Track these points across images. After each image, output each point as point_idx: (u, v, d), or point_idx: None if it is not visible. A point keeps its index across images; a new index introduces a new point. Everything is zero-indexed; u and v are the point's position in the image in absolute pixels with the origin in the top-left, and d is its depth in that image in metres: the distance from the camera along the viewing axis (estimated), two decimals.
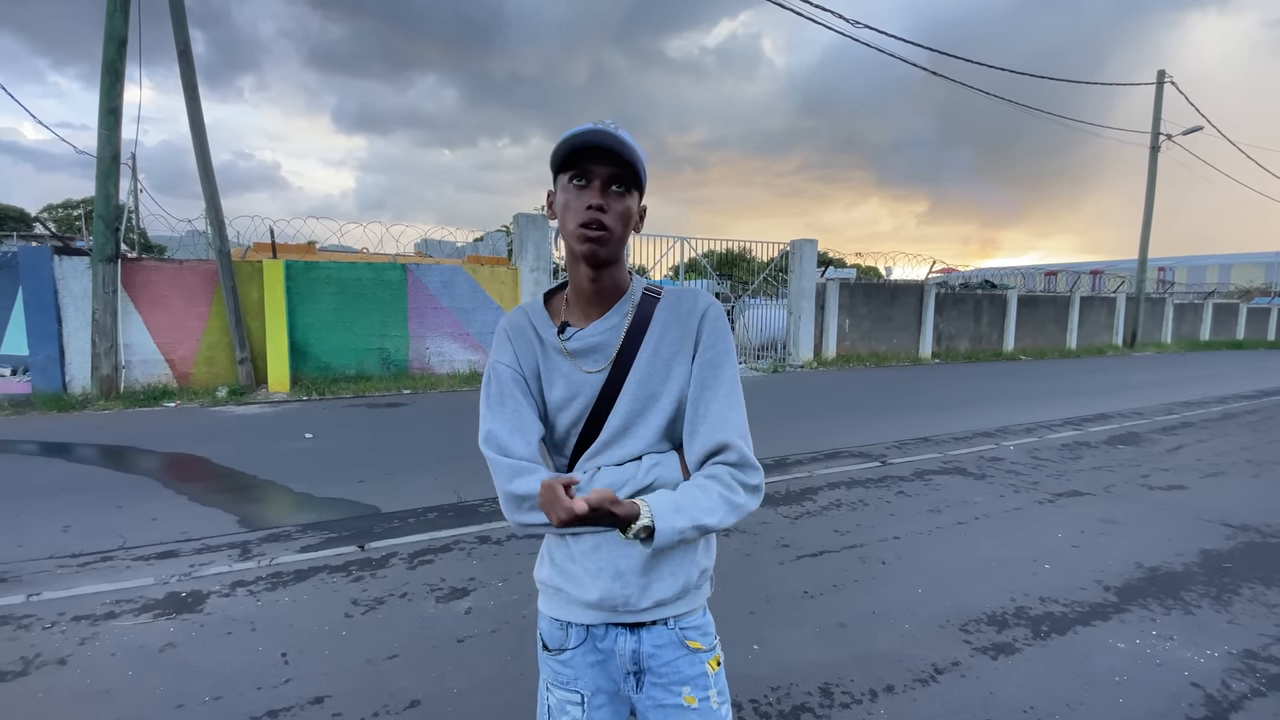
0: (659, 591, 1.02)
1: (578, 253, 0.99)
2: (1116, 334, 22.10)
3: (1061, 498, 4.68)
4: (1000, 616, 2.85)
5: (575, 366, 1.05)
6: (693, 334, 1.04)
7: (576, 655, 1.06)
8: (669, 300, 1.07)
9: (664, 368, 1.04)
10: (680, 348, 1.04)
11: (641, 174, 0.98)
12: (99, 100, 8.09)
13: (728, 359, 1.04)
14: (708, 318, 1.05)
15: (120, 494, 4.65)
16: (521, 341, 1.08)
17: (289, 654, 2.52)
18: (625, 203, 0.98)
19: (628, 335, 1.04)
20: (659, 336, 1.04)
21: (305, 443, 6.32)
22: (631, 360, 1.04)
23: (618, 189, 0.97)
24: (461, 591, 3.06)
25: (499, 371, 1.07)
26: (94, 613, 2.85)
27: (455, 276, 10.81)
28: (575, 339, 1.05)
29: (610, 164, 0.95)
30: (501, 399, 1.05)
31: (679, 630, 1.05)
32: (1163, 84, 21.28)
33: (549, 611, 1.09)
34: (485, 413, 1.06)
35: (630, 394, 1.03)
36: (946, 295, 17.28)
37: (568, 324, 1.07)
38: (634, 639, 1.04)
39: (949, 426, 7.28)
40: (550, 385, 1.07)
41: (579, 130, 0.94)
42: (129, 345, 8.76)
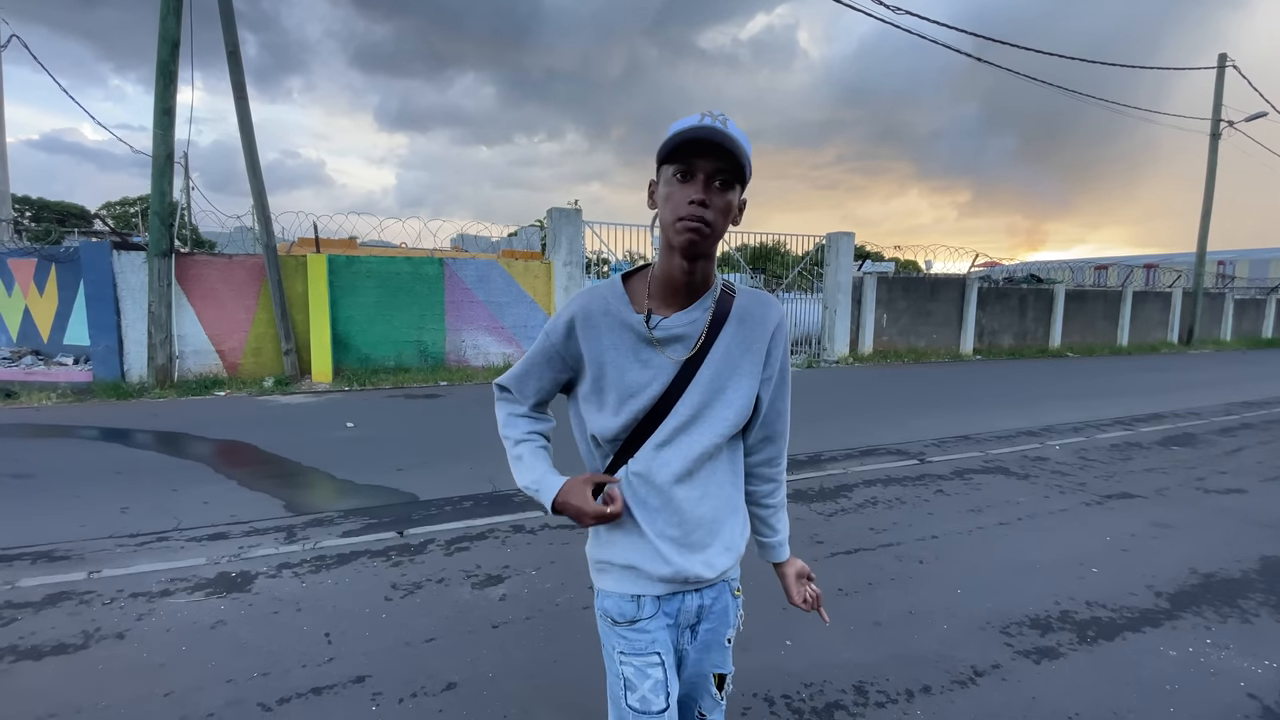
0: (722, 564, 1.15)
1: (675, 244, 1.00)
2: (1172, 331, 21.15)
3: (1110, 500, 4.51)
4: (1044, 620, 2.77)
5: (658, 353, 1.08)
6: (765, 338, 1.12)
7: (651, 622, 1.13)
8: (744, 300, 1.13)
9: (734, 364, 1.10)
10: (750, 348, 1.11)
11: (746, 169, 0.99)
12: (154, 101, 8.42)
13: (789, 369, 1.21)
14: (781, 327, 1.15)
15: (174, 478, 4.85)
16: (587, 328, 1.10)
17: (332, 634, 2.60)
18: (727, 198, 0.99)
19: (710, 327, 1.09)
20: (733, 334, 1.10)
21: (347, 432, 6.50)
22: (703, 353, 1.09)
23: (721, 184, 0.97)
24: (496, 579, 3.11)
25: (546, 343, 1.16)
26: (150, 590, 2.99)
27: (490, 271, 10.95)
28: (661, 327, 1.08)
29: (715, 159, 0.95)
30: (537, 360, 1.18)
31: (729, 583, 1.21)
32: (1224, 68, 20.19)
33: (619, 589, 1.14)
34: (523, 358, 1.21)
35: (703, 385, 1.09)
36: (989, 290, 16.77)
37: (652, 312, 1.09)
38: (698, 597, 1.16)
39: (991, 425, 7.08)
40: (625, 369, 1.09)
41: (687, 124, 0.95)
42: (182, 336, 9.13)
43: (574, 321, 1.11)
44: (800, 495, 4.48)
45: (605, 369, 1.10)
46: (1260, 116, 20.21)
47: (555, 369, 1.17)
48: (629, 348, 1.09)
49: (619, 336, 1.09)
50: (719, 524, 1.14)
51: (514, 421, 1.23)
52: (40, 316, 9.37)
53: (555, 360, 1.15)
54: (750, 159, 0.99)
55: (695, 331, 1.08)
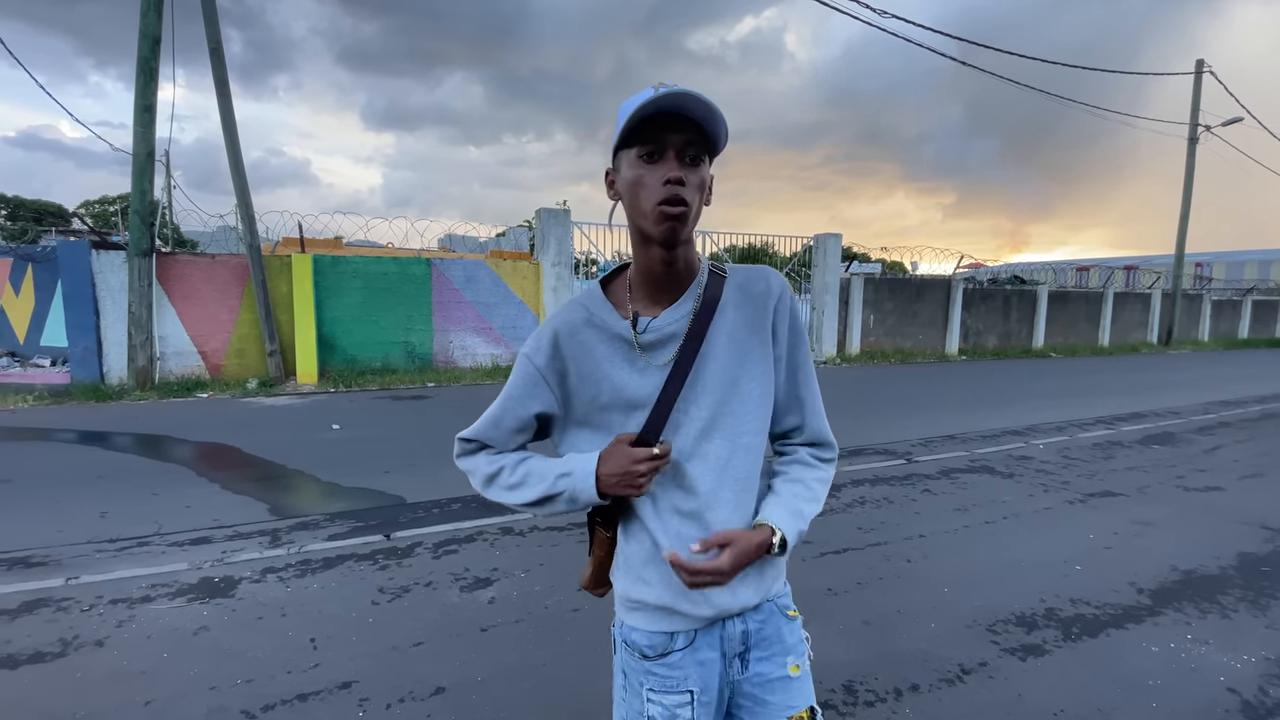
0: (765, 589, 1.04)
1: (654, 234, 0.88)
2: (1151, 331, 21.51)
3: (1093, 498, 4.57)
4: (1029, 618, 2.80)
5: (648, 361, 0.96)
6: (769, 315, 0.99)
7: (685, 655, 1.00)
8: (737, 279, 1.00)
9: (742, 351, 0.98)
10: (755, 329, 0.99)
11: (719, 137, 0.87)
12: (134, 98, 8.29)
13: (805, 342, 1.06)
14: (784, 299, 1.01)
15: (156, 482, 4.77)
16: (571, 342, 0.99)
17: (318, 639, 2.56)
18: (700, 173, 0.88)
19: (696, 319, 0.96)
20: (732, 318, 0.98)
21: (333, 433, 6.43)
22: (700, 347, 0.96)
23: (692, 159, 0.87)
24: (485, 581, 3.09)
25: (523, 368, 1.01)
26: (130, 596, 2.94)
27: (478, 271, 10.90)
28: (649, 330, 0.96)
29: (684, 130, 0.85)
30: (511, 397, 1.01)
31: (777, 602, 1.06)
32: (1201, 74, 20.58)
33: (651, 627, 1.01)
34: (495, 402, 1.03)
35: (712, 383, 0.97)
36: (974, 291, 16.96)
37: (638, 315, 0.97)
38: (742, 622, 1.02)
39: (976, 424, 7.15)
40: (624, 383, 0.97)
41: (649, 97, 0.82)
42: (163, 337, 9.00)
43: (557, 337, 0.98)
44: None
45: (602, 385, 0.98)
46: (1236, 121, 20.62)
47: (540, 399, 1.00)
48: (623, 358, 0.97)
49: (610, 347, 0.97)
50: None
51: (493, 459, 1.02)
52: (16, 317, 9.19)
53: (539, 387, 0.99)
54: (726, 125, 0.86)
55: (686, 325, 0.96)
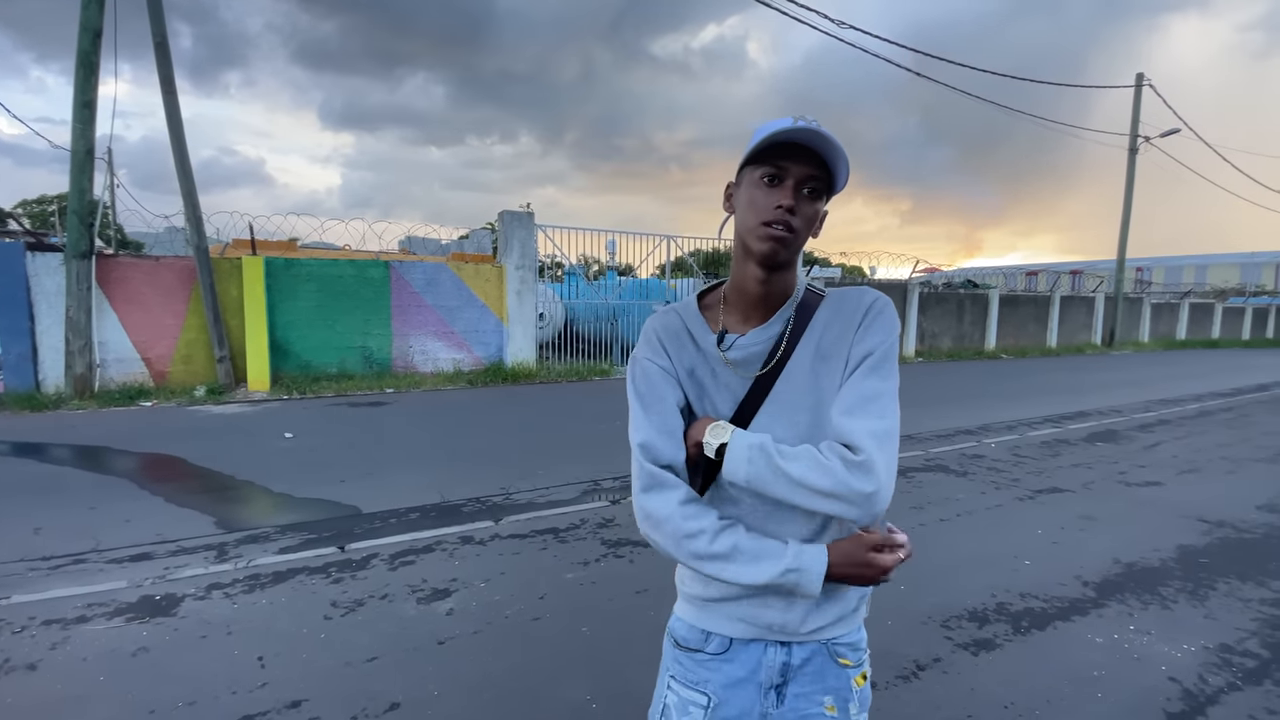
0: (817, 620, 0.97)
1: (754, 251, 0.92)
2: (1095, 333, 22.45)
3: (1042, 494, 4.73)
4: (981, 613, 2.87)
5: (737, 376, 0.98)
6: (854, 328, 0.96)
7: (713, 661, 1.00)
8: (833, 299, 1.00)
9: (827, 374, 0.95)
10: (839, 344, 0.96)
11: (839, 178, 0.92)
12: (74, 93, 7.91)
13: (879, 347, 0.94)
14: (873, 310, 0.97)
15: (94, 495, 4.54)
16: (675, 345, 1.01)
17: (265, 657, 2.47)
18: (815, 206, 0.92)
19: (782, 340, 0.97)
20: (819, 337, 0.97)
21: (285, 442, 6.23)
22: (784, 368, 0.96)
23: (810, 192, 0.91)
24: (443, 592, 3.02)
25: (649, 371, 0.99)
26: (65, 616, 2.78)
27: (439, 274, 10.72)
28: (735, 348, 0.98)
29: (808, 164, 0.89)
30: (653, 399, 0.98)
31: (830, 645, 1.00)
32: (1141, 87, 21.63)
33: (690, 619, 1.03)
34: (637, 414, 0.98)
35: (793, 404, 0.95)
36: (930, 294, 17.44)
37: (726, 331, 1.00)
38: (784, 652, 0.99)
39: (931, 424, 7.34)
40: (708, 393, 0.99)
41: (781, 126, 0.87)
42: (104, 343, 8.58)
43: (661, 339, 1.01)
44: None
45: (689, 390, 1.00)
46: (1174, 133, 21.72)
47: (677, 394, 0.99)
48: (708, 370, 0.99)
49: (698, 358, 1.00)
50: None
51: (691, 515, 0.92)
52: None
53: (671, 383, 0.99)
54: (848, 167, 0.91)
55: (771, 346, 0.98)
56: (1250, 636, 2.69)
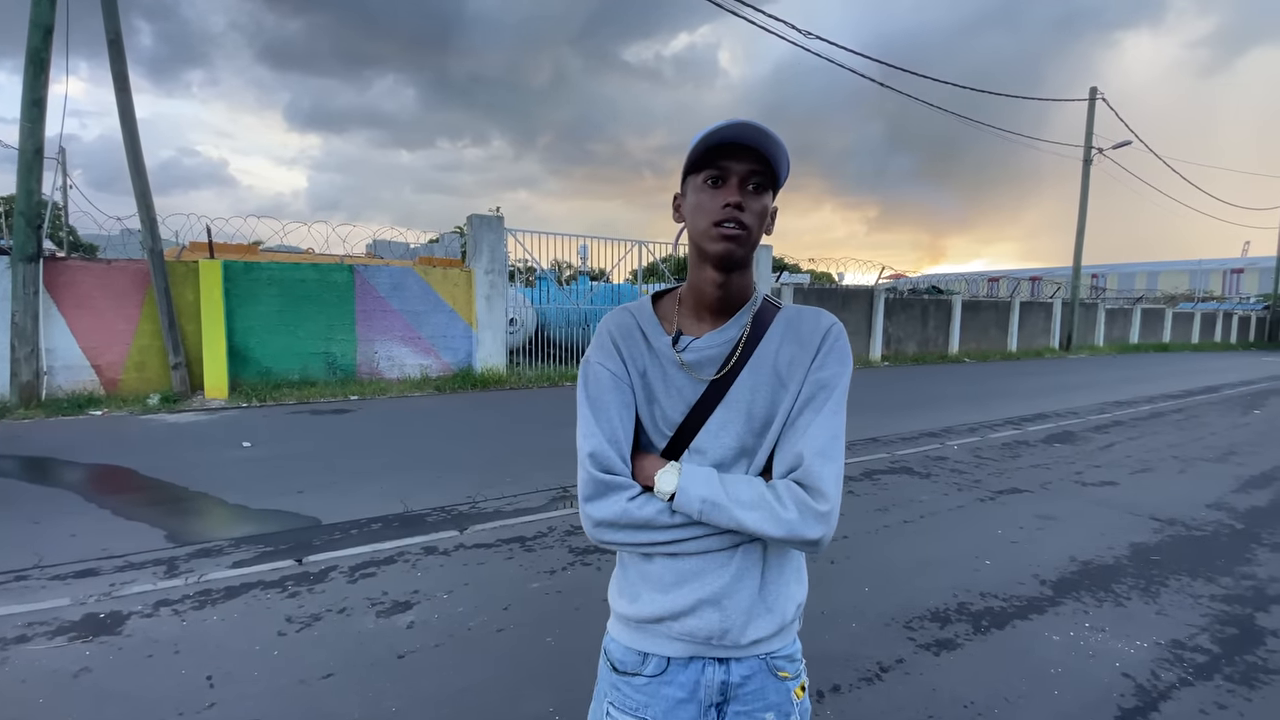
0: (757, 630, 0.95)
1: (710, 253, 0.93)
2: (1053, 337, 23.15)
3: (1002, 495, 4.84)
4: (943, 613, 2.91)
5: (689, 376, 0.97)
6: (811, 354, 0.96)
7: (651, 684, 0.97)
8: (790, 315, 1.00)
9: (779, 388, 0.95)
10: (795, 368, 0.96)
11: (781, 171, 0.92)
12: (21, 91, 7.60)
13: (838, 381, 0.95)
14: (830, 336, 0.97)
15: (38, 509, 4.34)
16: (628, 344, 1.01)
17: (215, 677, 2.37)
18: (762, 201, 0.93)
19: (744, 343, 0.97)
20: (775, 352, 0.97)
21: (243, 452, 6.04)
22: (739, 374, 0.96)
23: (755, 187, 0.91)
24: (404, 605, 2.95)
25: (600, 376, 0.99)
26: (4, 636, 2.64)
27: (406, 279, 10.55)
28: (690, 350, 0.98)
29: (748, 160, 0.90)
30: (603, 405, 0.97)
31: (769, 660, 0.98)
32: (1094, 100, 22.44)
33: (625, 640, 1.01)
34: (587, 421, 0.97)
35: (745, 413, 0.95)
36: (895, 300, 17.78)
37: (681, 332, 1.00)
38: (723, 670, 0.97)
39: (897, 427, 7.46)
40: (657, 396, 0.99)
41: (718, 126, 0.88)
42: (51, 350, 8.23)
43: (614, 336, 1.01)
44: None
45: (639, 394, 0.99)
46: (1125, 145, 22.58)
47: (627, 396, 0.99)
48: (660, 371, 0.99)
49: (650, 358, 1.00)
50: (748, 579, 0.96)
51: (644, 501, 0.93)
52: None
53: (623, 385, 0.98)
54: (788, 159, 0.92)
55: (727, 350, 0.97)
56: (1200, 632, 2.78)
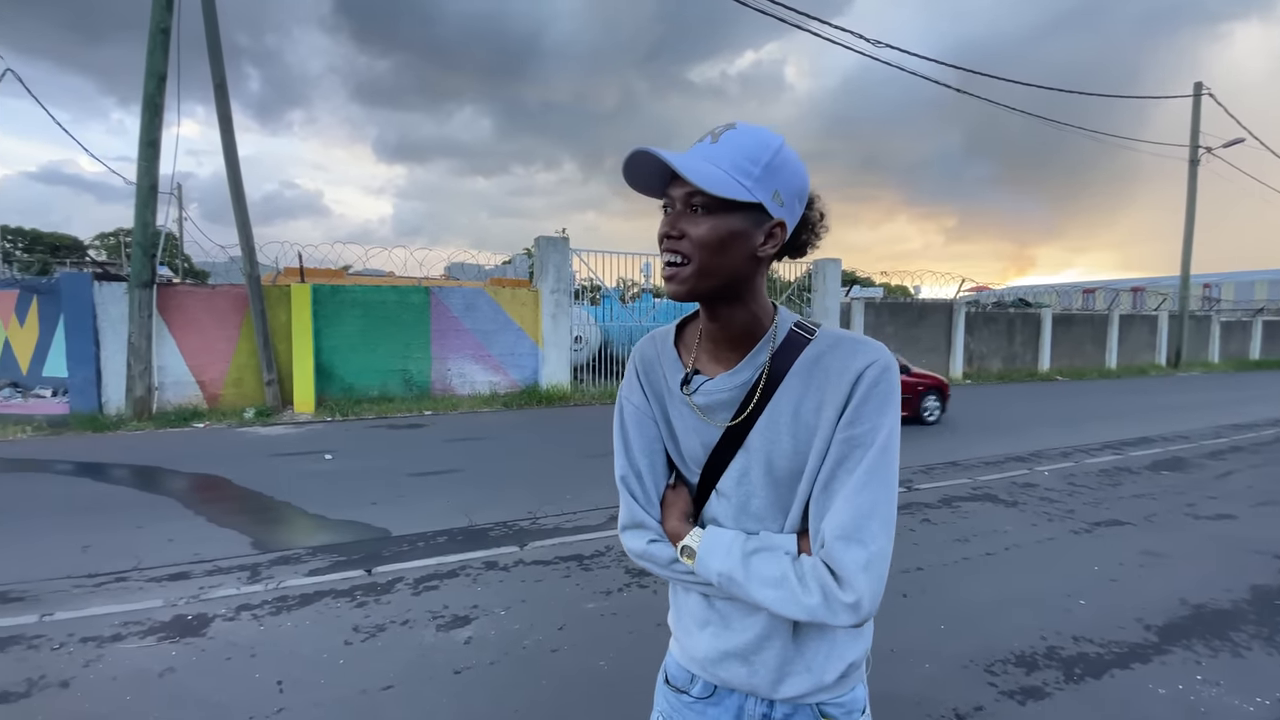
0: (791, 689, 0.88)
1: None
2: (1159, 353, 21.28)
3: (1099, 527, 4.43)
4: (1029, 657, 2.67)
5: (705, 421, 0.90)
6: (841, 394, 0.82)
7: (698, 704, 0.96)
8: (818, 349, 0.85)
9: (801, 437, 0.84)
10: (823, 419, 0.83)
11: (715, 186, 0.77)
12: (139, 134, 8.44)
13: (874, 437, 0.80)
14: (864, 380, 0.81)
15: (142, 514, 4.71)
16: (650, 378, 0.97)
17: (285, 682, 2.47)
18: (709, 224, 0.79)
19: (763, 388, 0.86)
20: (797, 399, 0.84)
21: (324, 464, 6.37)
22: (754, 426, 0.87)
23: (699, 209, 0.79)
24: (463, 620, 2.99)
25: (625, 410, 0.97)
26: (101, 634, 2.86)
27: (477, 299, 10.92)
28: (701, 392, 0.89)
29: (679, 182, 0.80)
30: (626, 440, 0.96)
31: (818, 707, 0.91)
32: (1200, 96, 20.71)
33: (679, 658, 0.99)
34: (617, 454, 0.97)
35: (753, 460, 0.87)
36: (977, 314, 16.88)
37: (697, 371, 0.92)
38: (765, 704, 0.92)
39: (979, 450, 7.02)
40: (677, 433, 0.94)
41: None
42: (162, 367, 9.01)
43: (639, 370, 0.98)
44: None
45: (663, 428, 0.96)
46: (1238, 143, 20.66)
47: (652, 429, 0.96)
48: (678, 411, 0.93)
49: (668, 395, 0.94)
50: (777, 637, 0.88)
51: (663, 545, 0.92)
52: (20, 348, 9.24)
53: (647, 419, 0.96)
54: (723, 170, 0.78)
55: (741, 395, 0.87)
56: None
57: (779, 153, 0.80)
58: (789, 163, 0.81)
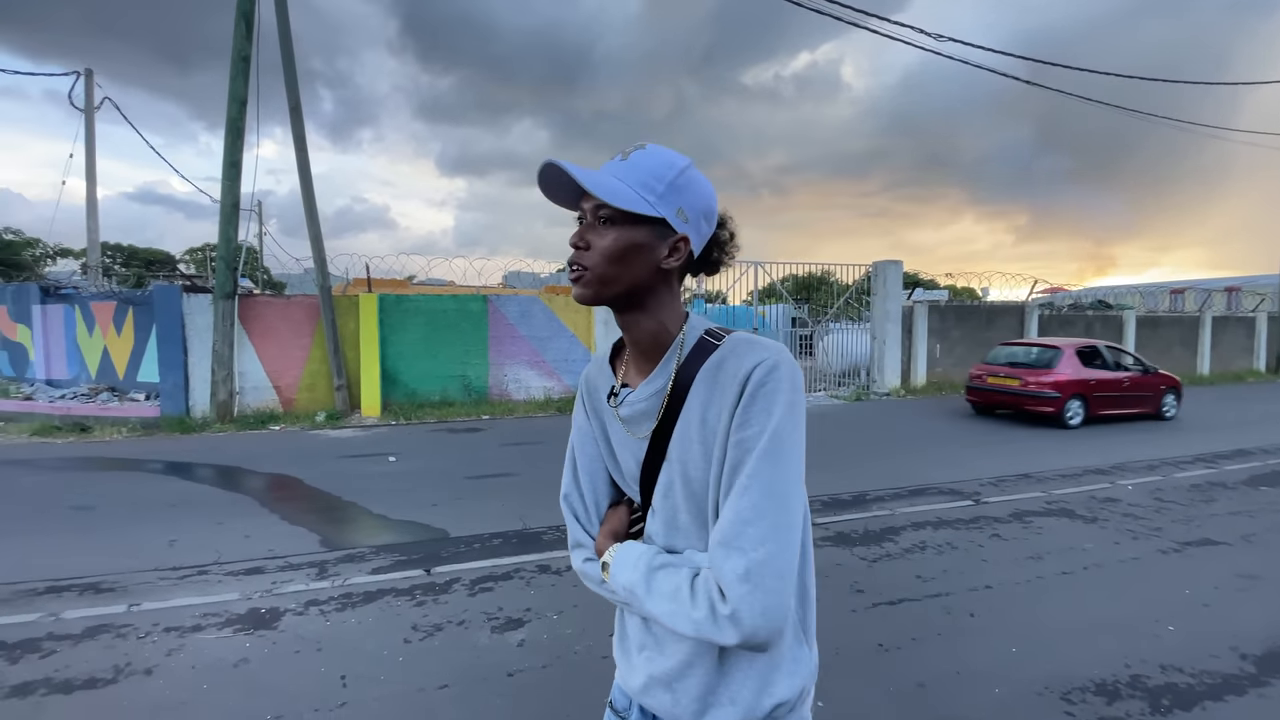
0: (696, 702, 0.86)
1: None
2: (1258, 358, 19.60)
3: (1190, 547, 4.10)
4: (1111, 686, 2.49)
5: (630, 433, 0.93)
6: (731, 407, 0.81)
7: None
8: (721, 355, 0.85)
9: (709, 444, 0.83)
10: (719, 425, 0.82)
11: (619, 199, 0.80)
12: (223, 155, 9.02)
13: (758, 441, 0.77)
14: (751, 380, 0.79)
15: (222, 511, 5.01)
16: (592, 397, 1.01)
17: (348, 677, 2.56)
18: (613, 235, 0.83)
19: (670, 398, 0.87)
20: (704, 404, 0.84)
21: (388, 466, 6.61)
22: (671, 434, 0.87)
23: (603, 221, 0.83)
24: (517, 622, 3.03)
25: (573, 426, 1.02)
26: (183, 625, 3.04)
27: (532, 307, 11.14)
28: (626, 403, 0.92)
29: (589, 196, 0.83)
30: (571, 460, 1.01)
31: None
32: None
33: (619, 681, 1.01)
34: (567, 469, 1.02)
35: (673, 471, 0.87)
36: (1052, 317, 15.99)
37: (625, 384, 0.95)
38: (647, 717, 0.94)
39: (1054, 462, 6.63)
40: (615, 450, 0.97)
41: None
42: (243, 373, 9.58)
43: (583, 389, 1.02)
44: (842, 538, 4.25)
45: (603, 446, 0.99)
46: None
47: (594, 448, 1.00)
48: (615, 426, 0.96)
49: (606, 411, 0.97)
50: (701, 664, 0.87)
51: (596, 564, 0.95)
52: (117, 355, 10.01)
53: (589, 437, 1.00)
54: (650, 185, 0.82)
55: (657, 404, 0.89)
56: None
57: (684, 173, 0.84)
58: (694, 183, 0.85)
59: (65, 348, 10.34)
